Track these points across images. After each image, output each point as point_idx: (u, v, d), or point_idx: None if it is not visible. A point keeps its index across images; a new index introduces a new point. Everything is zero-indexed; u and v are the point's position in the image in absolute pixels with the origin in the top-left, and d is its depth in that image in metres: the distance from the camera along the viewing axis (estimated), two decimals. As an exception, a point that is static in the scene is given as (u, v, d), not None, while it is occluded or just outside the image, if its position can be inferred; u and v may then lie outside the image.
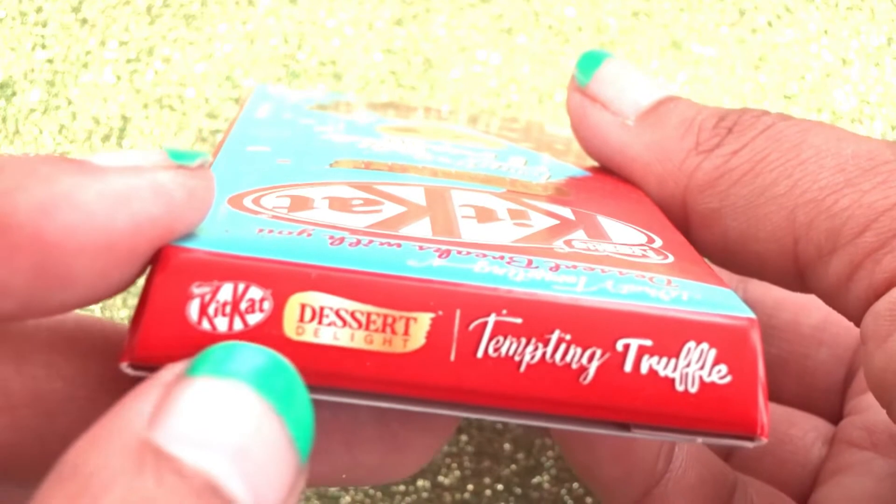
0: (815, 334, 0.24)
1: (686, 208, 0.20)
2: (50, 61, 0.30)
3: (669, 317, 0.15)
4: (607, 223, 0.18)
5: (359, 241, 0.15)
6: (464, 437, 0.29)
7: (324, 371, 0.14)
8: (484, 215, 0.17)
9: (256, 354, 0.13)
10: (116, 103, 0.30)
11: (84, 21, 0.31)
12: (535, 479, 0.29)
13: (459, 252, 0.15)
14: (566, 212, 0.18)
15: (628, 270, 0.15)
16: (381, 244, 0.15)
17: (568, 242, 0.17)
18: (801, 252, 0.18)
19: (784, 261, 0.19)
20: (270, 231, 0.15)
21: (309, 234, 0.15)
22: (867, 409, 0.22)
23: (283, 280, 0.14)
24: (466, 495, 0.29)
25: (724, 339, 0.15)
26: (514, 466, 0.29)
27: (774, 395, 0.24)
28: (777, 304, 0.24)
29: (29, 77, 0.30)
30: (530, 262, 0.15)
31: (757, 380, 0.15)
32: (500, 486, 0.29)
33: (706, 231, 0.20)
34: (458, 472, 0.29)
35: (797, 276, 0.19)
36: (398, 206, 0.17)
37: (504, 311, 0.14)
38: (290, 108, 0.25)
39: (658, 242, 0.18)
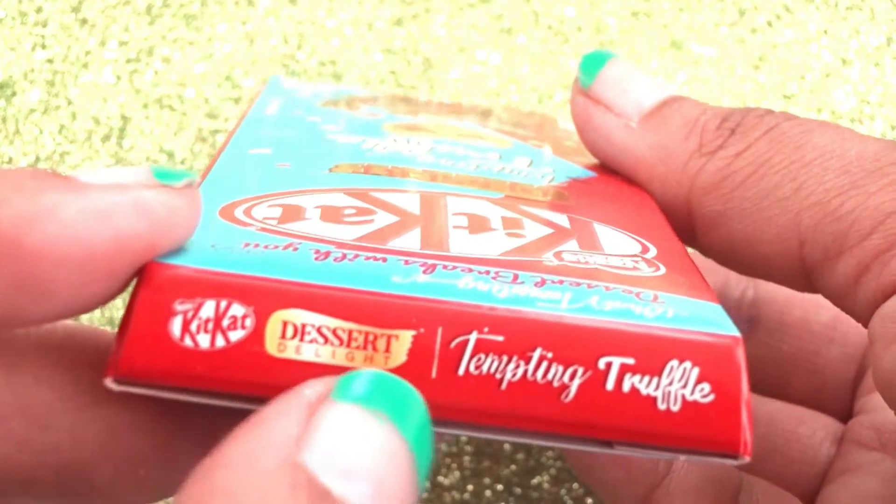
0: (825, 332, 0.23)
1: (690, 210, 0.20)
2: (50, 61, 0.30)
3: (652, 335, 0.14)
4: (602, 231, 0.18)
5: (344, 256, 0.15)
6: (463, 438, 0.28)
7: None
8: (476, 225, 0.17)
9: (399, 387, 0.13)
10: (116, 103, 0.30)
11: (84, 21, 0.30)
12: (535, 480, 0.28)
13: (445, 267, 0.15)
14: (562, 219, 0.18)
15: (615, 285, 0.15)
16: (367, 258, 0.15)
17: (558, 255, 0.16)
18: (808, 254, 0.18)
19: (790, 263, 0.18)
20: (256, 245, 0.15)
21: (295, 249, 0.15)
22: (877, 408, 0.21)
23: (264, 297, 0.14)
24: (466, 495, 0.28)
25: (707, 357, 0.14)
26: (513, 466, 0.28)
27: (784, 393, 0.23)
28: (788, 302, 0.23)
29: (29, 77, 0.29)
30: (516, 278, 0.15)
31: (740, 399, 0.14)
32: (499, 486, 0.28)
33: (711, 233, 0.19)
34: (457, 473, 0.28)
35: (804, 278, 0.18)
36: (391, 215, 0.17)
37: (486, 329, 0.14)
38: (301, 103, 0.25)
39: (652, 252, 0.17)
